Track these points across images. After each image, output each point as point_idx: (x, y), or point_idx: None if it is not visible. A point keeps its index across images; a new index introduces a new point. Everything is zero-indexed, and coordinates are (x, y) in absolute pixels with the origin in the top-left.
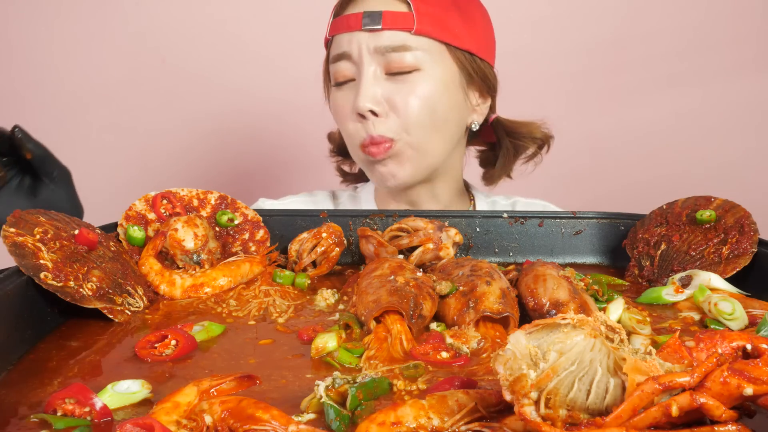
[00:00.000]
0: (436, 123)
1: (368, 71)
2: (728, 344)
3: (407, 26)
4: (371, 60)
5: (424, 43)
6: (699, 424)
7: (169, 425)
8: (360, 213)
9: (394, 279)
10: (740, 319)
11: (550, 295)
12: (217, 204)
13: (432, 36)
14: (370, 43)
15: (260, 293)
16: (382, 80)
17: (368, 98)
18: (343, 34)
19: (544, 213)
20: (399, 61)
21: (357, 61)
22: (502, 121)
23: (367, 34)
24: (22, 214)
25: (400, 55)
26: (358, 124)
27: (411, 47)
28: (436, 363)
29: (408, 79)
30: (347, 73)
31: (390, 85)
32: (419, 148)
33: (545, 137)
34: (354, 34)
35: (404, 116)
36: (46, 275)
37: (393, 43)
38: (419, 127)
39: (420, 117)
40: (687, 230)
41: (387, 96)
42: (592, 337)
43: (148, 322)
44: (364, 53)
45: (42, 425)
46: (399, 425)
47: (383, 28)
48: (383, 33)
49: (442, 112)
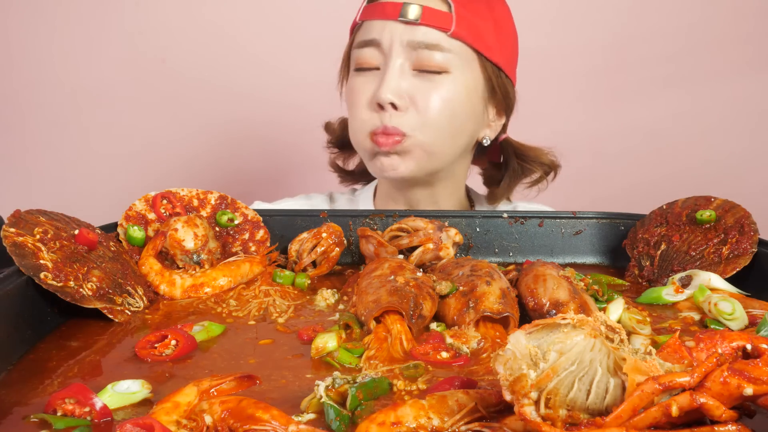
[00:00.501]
0: (453, 128)
1: (396, 63)
2: (728, 344)
3: (445, 26)
4: (401, 52)
5: (456, 47)
6: (699, 424)
7: (169, 425)
8: (360, 213)
9: (394, 279)
10: (740, 319)
11: (550, 295)
12: (217, 204)
13: (466, 41)
14: (404, 36)
15: (260, 293)
16: (409, 75)
17: (392, 90)
18: (376, 21)
19: (544, 213)
20: (429, 60)
21: (386, 51)
22: (512, 142)
23: (402, 26)
24: (22, 214)
25: (431, 53)
26: (373, 114)
27: (444, 48)
28: (436, 363)
29: (434, 79)
30: (372, 60)
31: (415, 81)
32: (429, 150)
33: (552, 164)
34: (388, 22)
35: (423, 114)
36: (46, 275)
37: (427, 40)
38: (435, 129)
39: (439, 119)
40: (687, 230)
41: (410, 92)
42: (592, 337)
43: (148, 322)
44: (395, 44)
45: (42, 425)
46: (399, 425)
47: (421, 23)
48: (419, 28)
49: (460, 119)
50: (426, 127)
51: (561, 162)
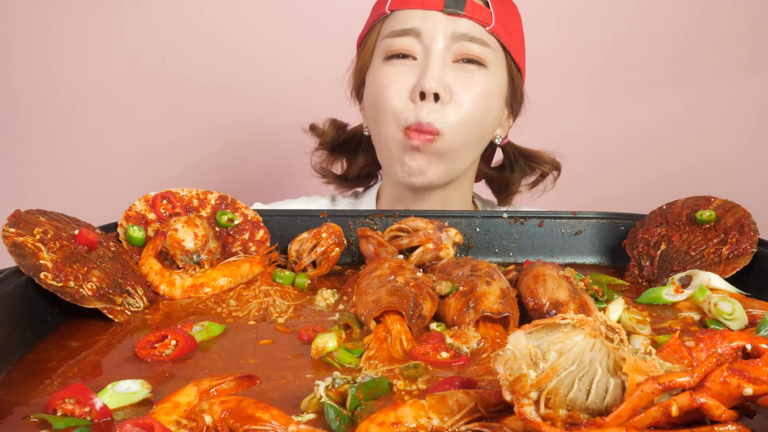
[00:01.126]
0: (482, 126)
1: (439, 52)
2: (728, 344)
3: (486, 21)
4: (443, 42)
5: (493, 43)
6: (699, 424)
7: (169, 425)
8: (360, 213)
9: (394, 279)
10: (740, 319)
11: (550, 295)
12: (217, 204)
13: (502, 39)
14: (447, 26)
15: (260, 293)
16: (450, 66)
17: (437, 79)
18: (415, 10)
19: (544, 213)
20: (470, 50)
21: (427, 41)
22: (515, 146)
23: (445, 17)
24: (22, 214)
25: (473, 45)
26: (410, 104)
27: (484, 42)
28: (436, 363)
29: (473, 71)
30: (410, 50)
31: (455, 72)
32: (456, 150)
33: (555, 162)
34: (430, 12)
35: (460, 109)
36: (46, 275)
37: (471, 32)
38: (468, 126)
39: (474, 114)
40: (687, 230)
41: (451, 84)
42: (592, 337)
43: (148, 322)
44: (438, 34)
45: (42, 425)
46: (399, 425)
47: (466, 15)
48: (462, 20)
49: (490, 116)
50: (461, 125)
51: (561, 162)
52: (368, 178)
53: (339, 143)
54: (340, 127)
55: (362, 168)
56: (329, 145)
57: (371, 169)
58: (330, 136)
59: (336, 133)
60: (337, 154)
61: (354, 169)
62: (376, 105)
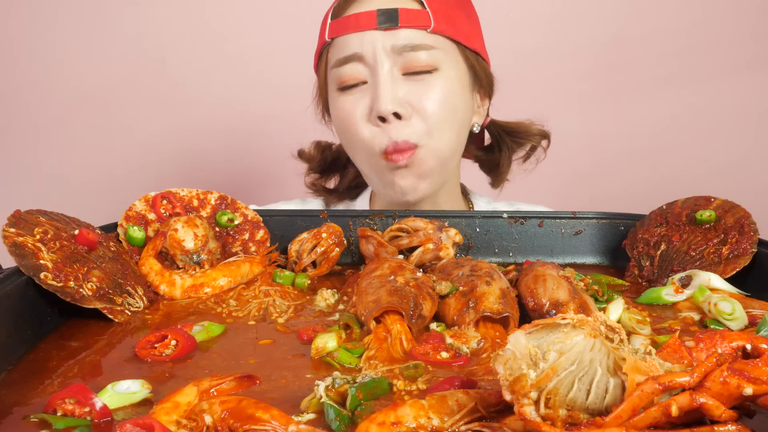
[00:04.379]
0: (456, 125)
1: (385, 71)
2: (728, 344)
3: (424, 24)
4: (387, 60)
5: (439, 42)
6: (699, 424)
7: (169, 425)
8: (360, 213)
9: (394, 279)
10: (740, 319)
11: (550, 295)
12: (217, 204)
13: (447, 35)
14: (386, 43)
15: (260, 293)
16: (400, 81)
17: (390, 100)
18: (352, 35)
19: (544, 213)
20: (416, 61)
21: (371, 62)
22: (499, 123)
23: (382, 33)
24: (22, 214)
25: (417, 54)
26: (376, 129)
27: (428, 46)
28: (436, 363)
29: (426, 79)
30: (358, 75)
31: (408, 86)
32: (441, 155)
33: (543, 133)
34: (366, 33)
35: (427, 118)
36: (46, 275)
37: (411, 42)
38: (442, 131)
39: (442, 119)
40: (687, 230)
41: (407, 97)
42: (592, 337)
43: (148, 322)
44: (379, 52)
45: (42, 425)
46: (399, 425)
47: (401, 26)
48: (400, 32)
49: (460, 113)
50: (433, 131)
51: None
52: (359, 188)
53: (327, 164)
54: (326, 148)
55: (352, 180)
56: (318, 168)
57: (360, 180)
58: (317, 160)
59: (322, 155)
60: (327, 174)
61: (345, 182)
62: (346, 136)
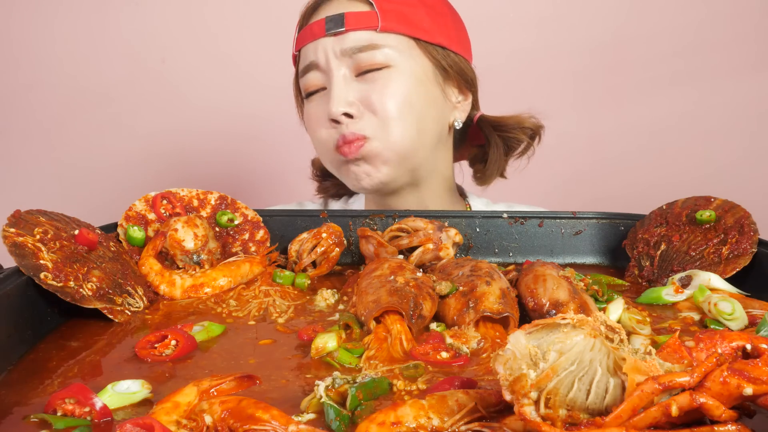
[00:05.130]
0: (415, 120)
1: (338, 75)
2: (728, 344)
3: (372, 25)
4: (339, 64)
5: (391, 40)
6: (699, 424)
7: (169, 425)
8: (360, 213)
9: (394, 279)
10: (740, 319)
11: (550, 295)
12: (217, 204)
13: (399, 32)
14: (336, 47)
15: (260, 293)
16: (353, 82)
17: (341, 102)
18: (309, 45)
19: (544, 213)
20: (368, 60)
21: (325, 68)
22: (488, 118)
23: (332, 39)
24: (22, 214)
25: (367, 54)
26: (331, 130)
27: (378, 45)
28: (436, 363)
29: (379, 77)
30: (317, 82)
31: (361, 85)
32: (399, 149)
33: (535, 126)
34: (319, 41)
35: (381, 114)
36: (46, 275)
37: (358, 44)
38: (398, 126)
39: (396, 113)
40: (687, 230)
41: (360, 97)
42: (592, 337)
43: (148, 322)
44: (330, 58)
45: (42, 425)
46: (399, 425)
47: (347, 29)
48: (348, 35)
49: (419, 108)
50: (388, 126)
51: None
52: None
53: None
54: None
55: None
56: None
57: None
58: (320, 164)
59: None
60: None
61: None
62: (312, 139)
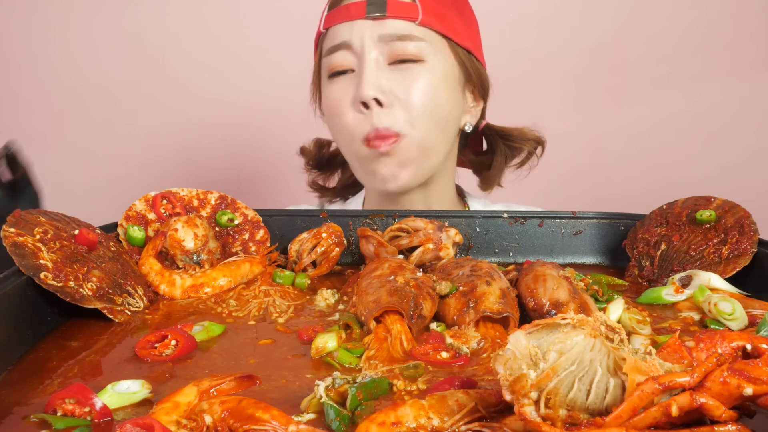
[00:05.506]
0: (439, 118)
1: (371, 59)
2: (728, 344)
3: (412, 16)
4: (373, 48)
5: (427, 35)
6: (699, 424)
7: (169, 425)
8: (360, 213)
9: (394, 279)
10: (740, 319)
11: (550, 295)
12: (217, 204)
13: (435, 28)
14: (374, 31)
15: (260, 293)
16: (386, 69)
17: (372, 86)
18: (342, 24)
19: (544, 213)
20: (402, 50)
21: (358, 50)
22: (494, 127)
23: (371, 22)
24: (22, 214)
25: (404, 44)
26: (359, 116)
27: (415, 37)
28: (436, 363)
29: (411, 69)
30: (346, 63)
31: (392, 74)
32: (424, 146)
33: (538, 139)
34: (355, 22)
35: (409, 108)
36: (46, 275)
37: (398, 32)
38: (424, 122)
39: (424, 110)
40: (687, 230)
41: (390, 86)
42: (592, 337)
43: (148, 322)
44: (366, 41)
45: (42, 425)
46: (399, 425)
47: (388, 15)
48: (387, 21)
49: (444, 107)
50: (415, 121)
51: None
52: (355, 187)
53: (324, 161)
54: (323, 145)
55: (349, 178)
56: (317, 164)
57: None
58: (314, 156)
59: (320, 152)
60: (325, 171)
61: (342, 180)
62: (332, 124)
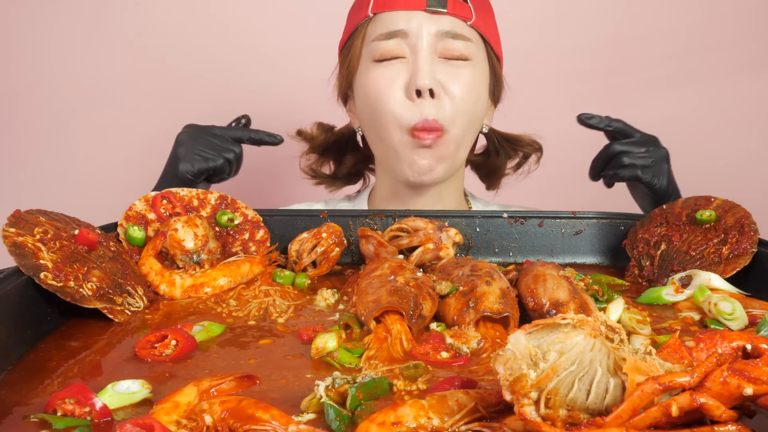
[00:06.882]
0: (474, 118)
1: (427, 50)
2: (728, 344)
3: (467, 16)
4: (429, 41)
5: (474, 36)
6: (699, 424)
7: (169, 425)
8: (360, 213)
9: (394, 279)
10: (740, 319)
11: (550, 295)
12: (217, 204)
13: (482, 32)
14: (431, 25)
15: (260, 293)
16: (437, 62)
17: (429, 75)
18: (399, 12)
19: (544, 213)
20: (454, 48)
21: (414, 41)
22: (497, 131)
23: (429, 16)
24: (22, 214)
25: (455, 42)
26: (408, 103)
27: (466, 37)
28: (436, 363)
29: (458, 66)
30: (398, 50)
31: (442, 68)
32: (458, 143)
33: (536, 144)
34: (414, 12)
35: (455, 102)
36: (46, 275)
37: (454, 29)
38: (464, 119)
39: (465, 107)
40: (687, 230)
41: (441, 78)
42: (592, 337)
43: (148, 322)
44: (424, 33)
45: (42, 425)
46: (399, 425)
47: (448, 12)
48: (445, 17)
49: (479, 107)
50: (457, 118)
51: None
52: (357, 176)
53: (328, 146)
54: (328, 129)
55: (351, 167)
56: (319, 149)
57: (360, 167)
58: (319, 139)
59: (325, 136)
60: (326, 156)
61: (343, 168)
62: (374, 109)
